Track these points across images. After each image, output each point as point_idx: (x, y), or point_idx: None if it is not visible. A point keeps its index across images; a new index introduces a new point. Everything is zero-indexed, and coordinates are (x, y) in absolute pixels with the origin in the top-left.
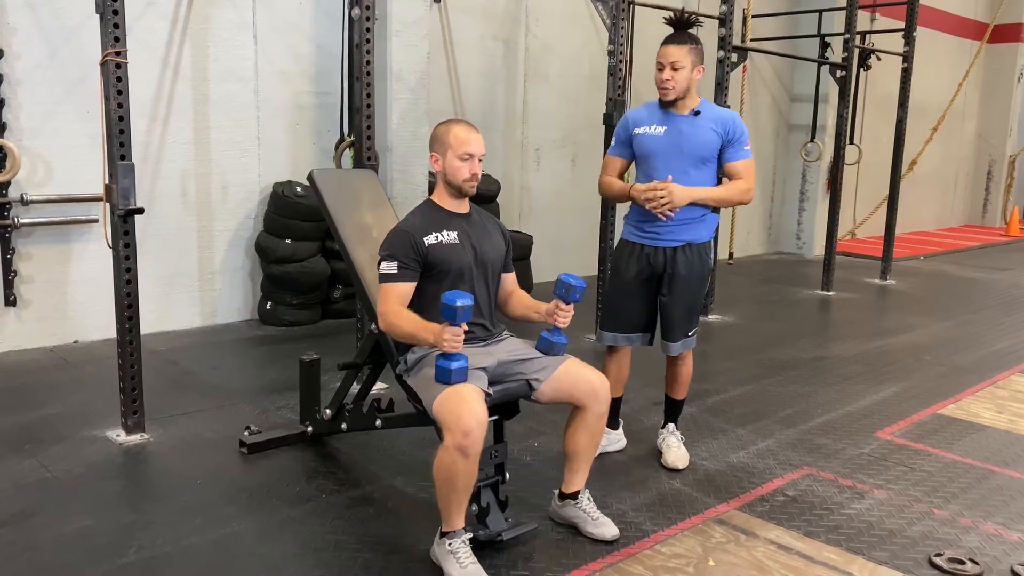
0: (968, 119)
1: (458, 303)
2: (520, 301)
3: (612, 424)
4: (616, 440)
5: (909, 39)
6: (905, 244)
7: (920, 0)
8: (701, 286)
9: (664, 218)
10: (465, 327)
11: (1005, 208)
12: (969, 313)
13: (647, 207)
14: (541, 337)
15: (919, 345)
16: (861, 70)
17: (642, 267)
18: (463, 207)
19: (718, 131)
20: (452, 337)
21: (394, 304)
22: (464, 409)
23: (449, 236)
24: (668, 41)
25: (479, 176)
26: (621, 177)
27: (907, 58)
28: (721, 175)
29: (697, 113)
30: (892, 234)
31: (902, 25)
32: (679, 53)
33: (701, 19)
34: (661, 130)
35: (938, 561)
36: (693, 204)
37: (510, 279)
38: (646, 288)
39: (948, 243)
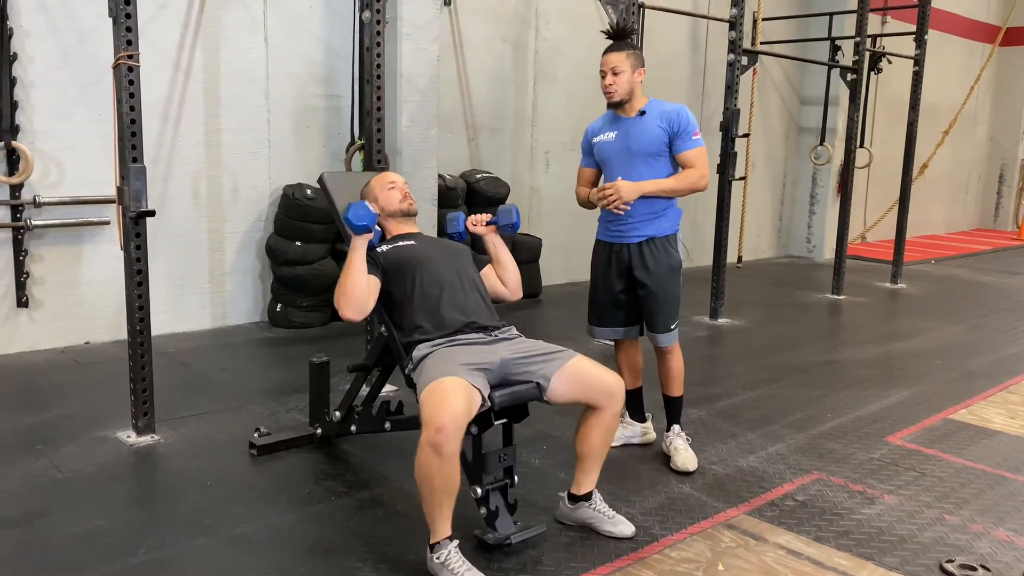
0: (980, 122)
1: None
2: (496, 271)
3: (640, 417)
4: (642, 432)
5: (920, 42)
6: (916, 248)
7: (931, 3)
8: (672, 277)
9: (620, 213)
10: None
11: (1017, 212)
12: (980, 317)
13: (601, 206)
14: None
15: (930, 349)
16: (872, 73)
17: (612, 264)
18: (412, 227)
19: (663, 126)
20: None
21: None
22: (441, 404)
23: (405, 242)
24: (607, 50)
25: (410, 194)
26: (594, 186)
27: (918, 61)
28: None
29: (643, 113)
30: (903, 238)
31: (913, 28)
32: (618, 59)
33: (635, 27)
34: (612, 135)
35: (949, 567)
36: (649, 197)
37: (489, 269)
38: (621, 283)
39: (959, 247)
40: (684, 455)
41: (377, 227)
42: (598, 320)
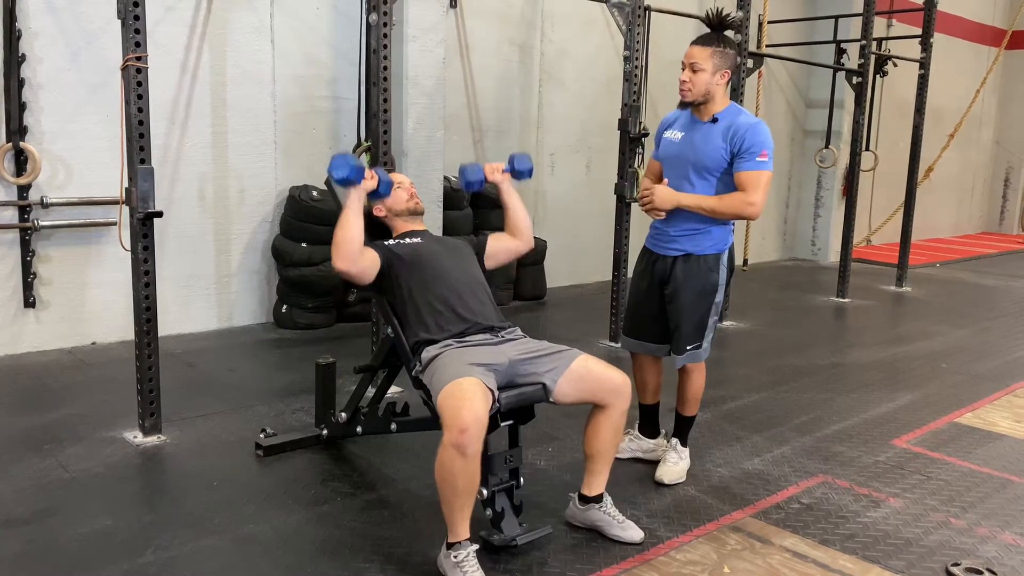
0: (985, 125)
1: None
2: (509, 219)
3: (651, 432)
4: (651, 448)
5: (926, 45)
6: (921, 251)
7: (937, 7)
8: (701, 299)
9: (654, 218)
10: (370, 174)
11: (1023, 215)
12: (986, 321)
13: (639, 206)
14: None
15: (935, 353)
16: (877, 76)
17: (648, 274)
18: (419, 225)
19: (726, 140)
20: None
21: None
22: (463, 405)
23: (412, 240)
24: (693, 41)
25: (416, 194)
26: (660, 179)
27: (924, 64)
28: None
29: (715, 120)
30: (908, 241)
31: (919, 31)
32: (701, 55)
33: (737, 21)
34: (679, 136)
35: (955, 571)
36: (687, 212)
37: (495, 237)
38: (655, 296)
39: (965, 250)
40: (666, 467)
41: (386, 176)
42: (629, 328)
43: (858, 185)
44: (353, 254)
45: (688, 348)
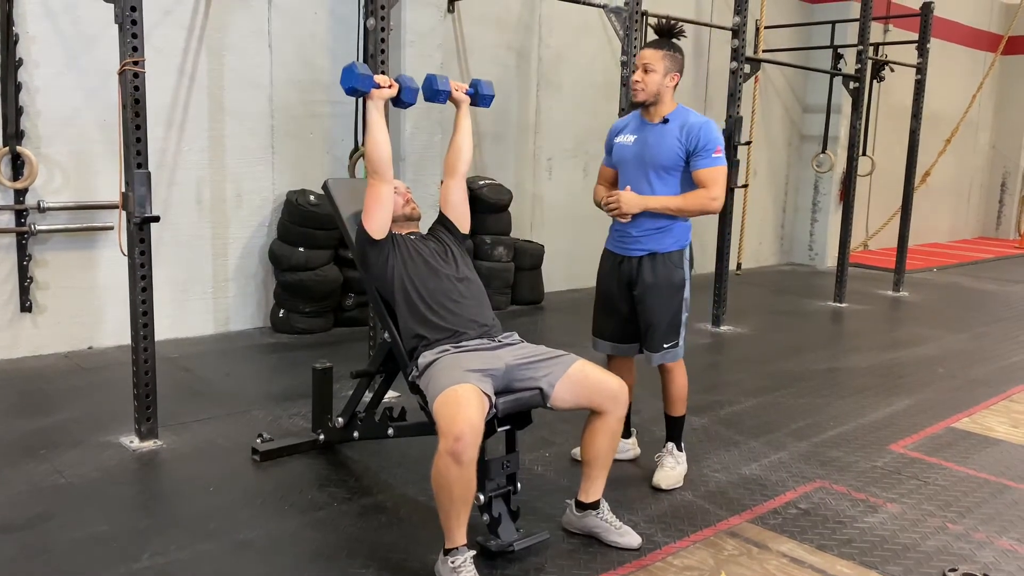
0: (982, 130)
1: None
2: (449, 154)
3: (624, 433)
4: (626, 449)
5: (923, 51)
6: (918, 256)
7: (934, 12)
8: (672, 296)
9: (623, 221)
10: (387, 82)
11: (1019, 220)
12: (983, 326)
13: (605, 212)
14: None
15: (932, 358)
16: (874, 81)
17: (615, 276)
18: (415, 230)
19: (681, 139)
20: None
21: None
22: (459, 413)
23: (408, 237)
24: (646, 44)
25: (412, 199)
26: (613, 186)
27: (920, 70)
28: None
29: (666, 121)
30: (905, 245)
31: (916, 37)
32: (653, 56)
33: (685, 31)
34: (631, 139)
35: None
36: (649, 212)
37: (448, 211)
38: (623, 297)
39: (961, 255)
40: (663, 472)
41: (411, 83)
42: (597, 331)
43: (855, 190)
44: (381, 163)
45: (665, 346)
